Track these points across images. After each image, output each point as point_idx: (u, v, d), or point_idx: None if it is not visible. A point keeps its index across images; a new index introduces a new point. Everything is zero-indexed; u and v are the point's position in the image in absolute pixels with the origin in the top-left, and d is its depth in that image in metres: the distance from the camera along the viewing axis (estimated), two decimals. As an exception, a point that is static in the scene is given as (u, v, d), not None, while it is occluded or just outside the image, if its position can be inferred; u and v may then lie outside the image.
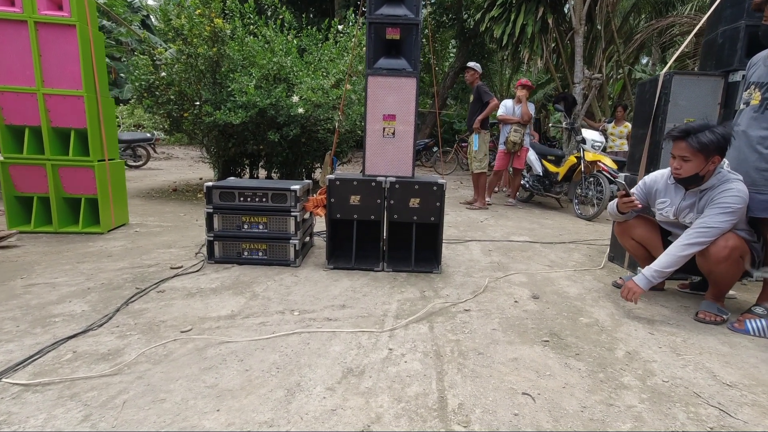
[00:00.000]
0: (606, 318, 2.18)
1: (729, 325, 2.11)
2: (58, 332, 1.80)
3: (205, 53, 5.01)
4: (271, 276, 2.63)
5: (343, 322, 2.02)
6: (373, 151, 2.80)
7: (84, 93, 3.27)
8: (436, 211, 2.75)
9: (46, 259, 2.78)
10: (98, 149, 3.43)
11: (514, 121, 5.62)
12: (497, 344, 1.86)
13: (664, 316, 2.23)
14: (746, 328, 2.05)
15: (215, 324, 1.94)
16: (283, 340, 1.82)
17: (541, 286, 2.63)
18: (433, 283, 2.61)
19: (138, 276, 2.52)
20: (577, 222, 4.99)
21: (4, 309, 2.00)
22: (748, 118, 2.12)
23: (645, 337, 1.98)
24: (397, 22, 2.63)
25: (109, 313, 1.99)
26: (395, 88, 2.72)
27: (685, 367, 1.72)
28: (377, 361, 1.68)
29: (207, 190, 2.77)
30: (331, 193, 2.75)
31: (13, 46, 3.16)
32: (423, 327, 2.00)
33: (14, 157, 3.31)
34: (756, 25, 2.58)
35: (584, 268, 3.06)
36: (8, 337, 1.74)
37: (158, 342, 1.74)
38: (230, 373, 1.55)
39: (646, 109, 2.94)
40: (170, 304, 2.14)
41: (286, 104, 5.09)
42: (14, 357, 1.59)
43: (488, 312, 2.20)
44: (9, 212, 3.36)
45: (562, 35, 7.53)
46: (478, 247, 3.56)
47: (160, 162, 11.07)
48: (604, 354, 1.80)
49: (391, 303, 2.27)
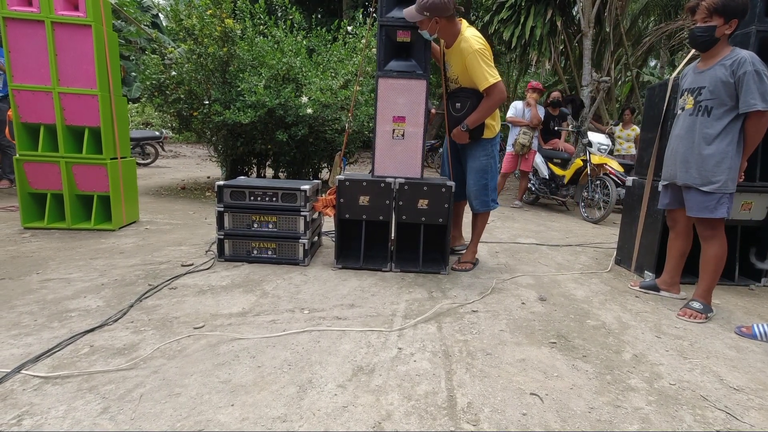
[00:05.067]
0: (613, 321, 2.19)
1: (737, 330, 2.12)
2: (74, 326, 1.84)
3: (215, 53, 5.06)
4: (281, 275, 2.66)
5: (352, 321, 2.05)
6: (383, 153, 2.83)
7: (98, 92, 3.32)
8: (444, 212, 2.78)
9: (60, 254, 2.83)
10: (111, 147, 3.48)
11: (523, 123, 5.63)
12: (505, 345, 1.88)
13: (670, 320, 2.24)
14: (754, 332, 2.06)
15: (227, 321, 1.98)
16: (294, 338, 1.85)
17: (548, 289, 2.65)
18: (441, 284, 2.64)
19: (150, 273, 2.57)
20: (584, 225, 4.99)
21: (22, 303, 2.05)
22: (685, 122, 2.30)
23: (652, 340, 1.99)
24: (408, 25, 2.66)
25: (123, 309, 2.03)
26: (405, 89, 2.74)
27: (692, 370, 1.73)
28: (387, 359, 1.71)
29: (218, 189, 2.81)
30: (341, 193, 2.78)
31: (30, 46, 3.22)
32: (431, 327, 2.02)
33: (29, 155, 3.36)
34: (767, 30, 2.59)
35: (591, 271, 3.07)
36: (27, 330, 1.78)
37: (172, 338, 1.78)
38: (243, 369, 1.58)
39: (655, 113, 2.94)
40: (182, 300, 2.18)
41: (294, 104, 5.13)
42: (33, 350, 1.63)
43: (496, 313, 2.22)
44: (23, 208, 3.42)
45: (570, 37, 7.52)
46: (485, 248, 3.57)
47: (168, 160, 11.17)
48: (611, 356, 1.82)
49: (400, 303, 2.30)
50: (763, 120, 2.07)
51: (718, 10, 2.08)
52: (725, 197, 2.17)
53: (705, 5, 2.11)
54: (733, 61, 2.09)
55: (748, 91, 2.04)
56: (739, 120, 2.13)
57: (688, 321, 2.22)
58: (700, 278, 2.32)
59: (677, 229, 2.50)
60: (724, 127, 2.14)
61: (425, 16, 2.47)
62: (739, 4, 2.06)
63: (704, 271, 2.29)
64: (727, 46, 2.17)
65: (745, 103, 2.06)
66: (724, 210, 2.18)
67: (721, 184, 2.15)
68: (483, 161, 2.87)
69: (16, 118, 3.32)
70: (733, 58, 2.09)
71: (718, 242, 2.25)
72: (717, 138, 2.16)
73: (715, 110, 2.16)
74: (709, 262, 2.27)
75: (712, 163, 2.16)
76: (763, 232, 2.87)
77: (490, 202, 2.92)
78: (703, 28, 2.14)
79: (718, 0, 2.07)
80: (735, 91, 2.09)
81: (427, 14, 2.46)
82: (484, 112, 2.67)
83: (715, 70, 2.15)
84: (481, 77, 2.55)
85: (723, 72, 2.11)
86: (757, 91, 2.02)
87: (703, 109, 2.20)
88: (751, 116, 2.08)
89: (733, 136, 2.14)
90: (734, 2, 2.06)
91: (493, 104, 2.65)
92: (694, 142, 2.23)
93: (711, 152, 2.17)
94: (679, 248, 2.51)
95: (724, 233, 2.26)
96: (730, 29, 2.12)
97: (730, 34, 2.14)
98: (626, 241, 3.21)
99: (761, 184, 2.76)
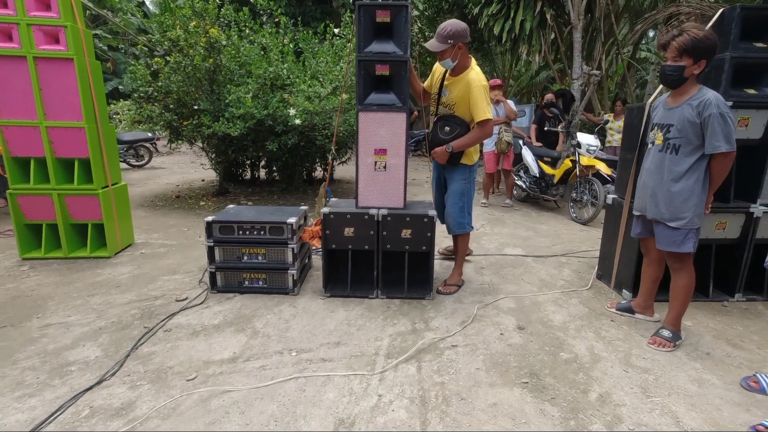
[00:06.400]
0: (585, 353, 2.31)
1: (743, 383, 2.05)
2: (75, 383, 1.96)
3: (201, 65, 5.04)
4: (271, 308, 2.77)
5: (337, 363, 2.16)
6: (366, 184, 2.89)
7: (85, 124, 3.36)
8: (426, 240, 2.86)
9: (59, 292, 2.93)
10: (102, 177, 3.54)
11: (502, 121, 5.66)
12: (479, 387, 2.00)
13: (641, 349, 2.36)
14: (762, 387, 1.99)
15: (218, 369, 2.09)
16: (281, 387, 1.97)
17: (528, 314, 2.76)
18: (425, 313, 2.75)
19: (145, 312, 2.68)
20: (572, 227, 5.07)
21: (24, 357, 2.16)
22: (655, 158, 2.37)
23: (620, 375, 2.11)
24: (386, 60, 2.68)
25: (119, 360, 2.15)
26: (386, 122, 2.79)
27: (652, 411, 1.85)
28: (367, 410, 1.83)
29: (207, 225, 2.89)
30: (326, 225, 2.86)
31: (14, 81, 3.24)
32: (411, 368, 2.14)
33: (22, 188, 3.43)
34: (741, 57, 2.61)
35: (572, 289, 3.17)
36: (30, 390, 1.90)
37: (166, 393, 1.90)
38: (232, 428, 1.70)
39: (634, 134, 2.99)
40: (176, 346, 2.30)
41: (283, 113, 5.14)
42: (37, 414, 1.76)
43: (474, 347, 2.34)
44: (20, 239, 3.51)
45: (561, 28, 7.42)
46: (471, 264, 3.67)
47: (163, 158, 11.18)
48: (578, 397, 1.94)
49: (383, 339, 2.41)
50: (726, 160, 2.14)
51: (687, 50, 2.12)
52: (692, 232, 2.26)
53: (675, 45, 2.14)
54: (699, 102, 2.14)
55: (713, 133, 2.09)
56: (705, 158, 2.19)
57: (656, 349, 2.33)
58: (669, 306, 2.42)
59: (650, 256, 2.59)
60: (691, 165, 2.21)
61: (449, 44, 2.68)
62: (708, 46, 2.10)
63: (674, 300, 2.40)
64: (695, 85, 2.21)
65: (711, 145, 2.12)
66: (690, 245, 2.26)
67: (688, 221, 2.23)
68: (462, 185, 3.01)
69: (5, 152, 3.37)
70: (700, 99, 2.14)
71: (686, 273, 2.35)
72: (684, 175, 2.23)
73: (683, 148, 2.22)
74: (678, 293, 2.37)
75: (680, 200, 2.24)
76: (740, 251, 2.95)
77: (466, 225, 3.07)
78: (673, 67, 2.18)
79: (688, 41, 2.10)
80: (701, 131, 2.15)
81: (451, 42, 2.67)
82: (471, 140, 2.85)
83: (683, 109, 2.20)
84: (481, 110, 2.76)
85: (690, 112, 2.16)
86: (721, 133, 2.08)
87: (671, 147, 2.26)
88: (716, 157, 2.15)
89: (699, 174, 2.21)
90: (703, 44, 2.09)
91: (482, 136, 2.86)
92: (663, 179, 2.30)
93: (679, 189, 2.24)
94: (652, 275, 2.61)
95: (692, 264, 2.35)
96: (698, 69, 2.16)
97: (698, 73, 2.17)
98: (607, 256, 3.30)
99: (735, 205, 2.84)
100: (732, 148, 2.10)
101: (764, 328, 2.63)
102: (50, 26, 3.18)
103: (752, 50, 2.61)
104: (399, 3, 2.58)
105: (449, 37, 2.65)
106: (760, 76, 2.70)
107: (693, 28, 2.12)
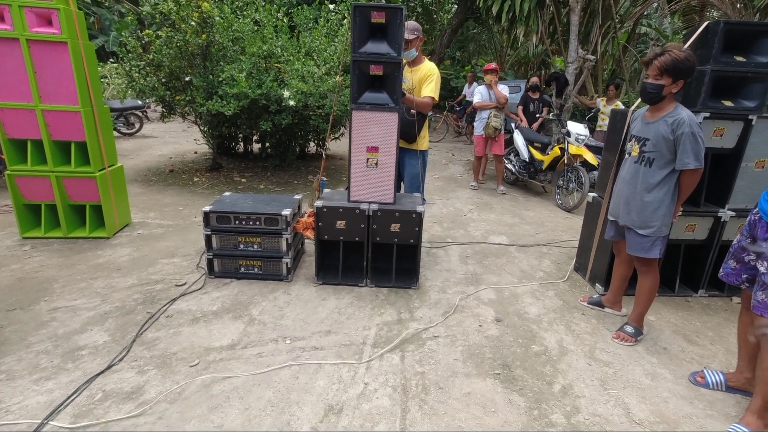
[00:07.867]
0: (555, 346, 2.54)
1: (691, 377, 2.28)
2: (87, 368, 2.14)
3: (194, 39, 4.98)
4: (266, 294, 2.94)
5: (327, 352, 2.37)
6: (358, 179, 3.01)
7: (81, 108, 3.39)
8: (414, 234, 3.03)
9: (63, 274, 3.07)
10: (98, 160, 3.61)
11: (491, 106, 5.72)
12: (456, 377, 2.22)
13: (606, 343, 2.59)
14: (707, 382, 2.22)
15: (218, 356, 2.28)
16: (276, 374, 2.17)
17: (506, 305, 2.97)
18: (410, 302, 2.95)
19: (147, 296, 2.84)
20: (557, 214, 5.26)
21: (36, 340, 2.33)
22: (630, 168, 2.53)
23: (583, 368, 2.34)
24: (380, 60, 2.74)
25: (126, 345, 2.32)
26: (378, 121, 2.88)
27: (607, 403, 2.09)
28: (354, 397, 2.04)
29: (204, 215, 3.01)
30: (319, 218, 3.00)
31: (8, 63, 3.24)
32: (395, 357, 2.35)
33: (20, 169, 3.49)
34: (721, 71, 2.72)
35: (549, 281, 3.39)
36: (46, 374, 2.08)
37: (172, 379, 2.09)
38: (233, 412, 1.91)
39: (616, 138, 3.12)
40: (178, 332, 2.48)
41: (277, 93, 5.14)
42: (55, 397, 1.94)
43: (454, 339, 2.55)
44: (20, 219, 3.60)
45: (559, 9, 7.33)
46: (457, 252, 3.86)
47: (154, 126, 11.03)
48: (543, 388, 2.17)
49: (371, 328, 2.61)
50: (695, 176, 2.30)
51: (668, 70, 2.23)
52: (659, 240, 2.44)
53: (657, 64, 2.25)
54: (674, 120, 2.27)
55: (684, 150, 2.24)
56: (676, 172, 2.35)
57: (619, 344, 2.57)
58: (634, 304, 2.64)
59: (621, 257, 2.79)
60: (663, 178, 2.37)
61: (415, 35, 3.27)
62: (687, 67, 2.21)
63: (638, 299, 2.61)
64: (672, 102, 2.34)
65: (681, 161, 2.27)
66: (657, 251, 2.46)
67: (656, 229, 2.41)
68: (417, 168, 3.56)
69: (2, 134, 3.40)
70: (675, 117, 2.27)
71: (651, 276, 2.55)
72: (656, 187, 2.39)
73: (657, 162, 2.37)
74: (643, 293, 2.59)
75: (650, 210, 2.41)
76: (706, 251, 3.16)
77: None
78: (653, 85, 2.29)
79: (669, 61, 2.21)
80: (674, 147, 2.30)
81: (416, 33, 3.28)
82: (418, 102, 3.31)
83: (658, 125, 2.34)
84: (430, 90, 3.34)
85: (665, 129, 2.30)
86: (691, 151, 2.23)
87: (646, 160, 2.41)
88: (686, 172, 2.31)
89: (669, 186, 2.37)
90: (683, 65, 2.20)
91: (426, 105, 3.34)
92: (636, 189, 2.46)
93: (650, 200, 2.41)
94: (622, 273, 2.82)
95: (657, 268, 2.56)
96: (676, 88, 2.28)
97: (676, 92, 2.29)
98: (584, 250, 3.50)
99: (704, 209, 3.02)
100: (700, 165, 2.25)
101: (720, 325, 2.87)
102: (43, 8, 3.15)
103: (732, 64, 2.72)
104: (394, 6, 2.62)
105: (416, 29, 3.28)
106: (738, 88, 2.82)
107: (675, 48, 2.22)
